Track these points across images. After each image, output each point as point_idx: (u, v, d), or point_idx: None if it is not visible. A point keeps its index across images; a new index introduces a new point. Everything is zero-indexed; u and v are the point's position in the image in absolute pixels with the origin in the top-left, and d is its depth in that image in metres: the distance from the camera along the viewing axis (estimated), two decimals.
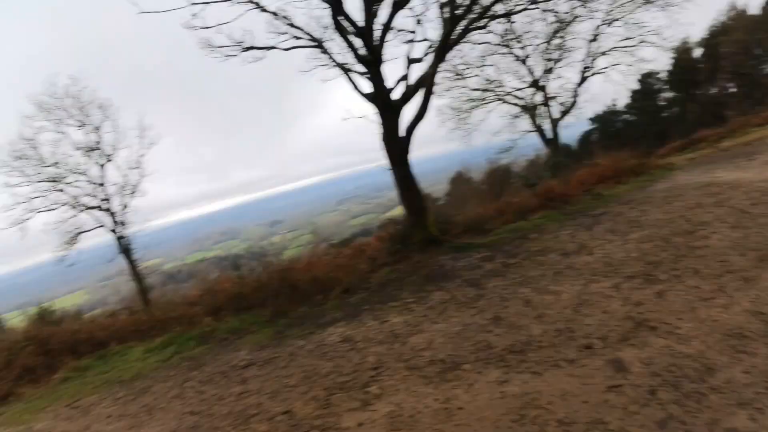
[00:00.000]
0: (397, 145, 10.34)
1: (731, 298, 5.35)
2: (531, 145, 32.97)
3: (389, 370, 5.26)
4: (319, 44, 11.05)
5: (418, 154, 11.07)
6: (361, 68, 10.51)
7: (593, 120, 52.23)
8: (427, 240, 10.30)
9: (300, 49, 11.32)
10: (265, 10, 10.42)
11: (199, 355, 7.08)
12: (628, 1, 22.44)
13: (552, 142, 27.25)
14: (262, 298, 8.40)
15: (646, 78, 48.92)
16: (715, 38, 47.10)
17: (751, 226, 7.58)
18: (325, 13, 10.88)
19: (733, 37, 45.32)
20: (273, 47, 11.01)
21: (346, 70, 10.79)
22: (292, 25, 10.93)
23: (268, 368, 6.03)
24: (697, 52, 48.84)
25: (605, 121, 52.26)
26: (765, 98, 40.69)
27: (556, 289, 6.69)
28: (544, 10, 20.86)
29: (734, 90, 48.01)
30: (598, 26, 25.62)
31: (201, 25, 10.00)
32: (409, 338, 6.01)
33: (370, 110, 10.71)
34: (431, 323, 6.36)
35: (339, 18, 9.19)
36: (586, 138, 51.12)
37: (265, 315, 8.01)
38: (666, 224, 8.62)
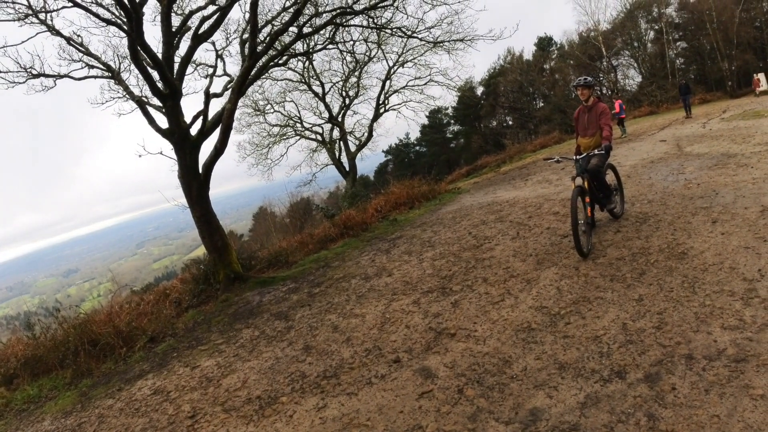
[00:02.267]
0: (195, 182, 10.00)
1: (517, 299, 6.05)
2: (331, 178, 34.00)
3: (207, 415, 5.03)
4: (114, 75, 10.42)
5: (218, 190, 10.87)
6: (158, 102, 10.08)
7: (388, 152, 55.65)
8: (231, 278, 10.05)
9: (94, 79, 10.60)
10: (59, 34, 9.59)
11: None
12: (418, 45, 24.36)
13: (350, 174, 28.27)
14: (61, 359, 7.47)
15: (435, 113, 53.52)
16: (494, 78, 53.22)
17: (528, 236, 8.65)
18: (123, 42, 10.33)
19: (509, 78, 51.59)
20: (65, 75, 10.17)
21: (143, 104, 10.27)
22: (86, 52, 10.20)
23: None
24: (480, 90, 54.76)
25: (399, 152, 55.94)
26: (537, 129, 46.76)
27: (361, 311, 6.97)
28: (342, 51, 21.95)
29: (511, 122, 54.56)
30: (392, 66, 27.37)
31: None
32: (223, 380, 5.81)
33: (167, 146, 10.31)
34: (243, 362, 6.22)
35: (137, 48, 8.75)
36: (382, 169, 54.12)
37: (66, 377, 7.10)
38: (455, 242, 9.46)
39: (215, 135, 10.24)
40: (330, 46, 17.26)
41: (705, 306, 4.77)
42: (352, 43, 21.54)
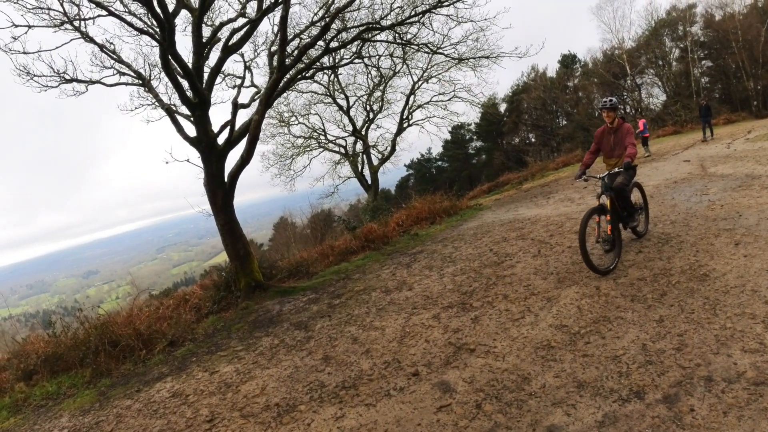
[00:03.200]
0: (220, 191, 10.16)
1: (537, 317, 6.06)
2: (352, 191, 34.17)
3: (224, 420, 5.11)
4: (145, 83, 10.65)
5: (240, 199, 10.99)
6: (187, 111, 10.29)
7: (410, 166, 55.76)
8: (252, 286, 10.15)
9: (125, 86, 10.84)
10: (92, 41, 9.84)
11: (13, 427, 6.17)
12: (443, 61, 24.45)
13: (372, 187, 28.37)
14: (81, 357, 7.60)
15: (458, 129, 53.57)
16: (518, 95, 53.15)
17: (550, 254, 8.64)
18: (155, 51, 10.52)
19: (533, 95, 51.47)
20: (97, 81, 10.40)
21: (172, 112, 10.48)
22: (118, 60, 10.44)
23: None
24: (503, 107, 54.72)
25: (421, 167, 56.00)
26: (559, 146, 46.54)
27: (381, 324, 7.01)
28: (368, 65, 22.18)
29: (534, 139, 54.37)
30: (416, 82, 27.50)
31: (20, 50, 9.22)
32: (242, 386, 5.88)
33: (194, 154, 10.50)
34: (262, 369, 6.29)
35: (168, 57, 8.96)
36: (403, 183, 54.21)
37: (85, 375, 7.23)
38: (477, 258, 9.47)
39: (241, 145, 10.42)
40: (356, 61, 17.43)
41: (726, 328, 4.75)
42: (377, 57, 21.77)
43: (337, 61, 18.68)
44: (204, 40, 10.43)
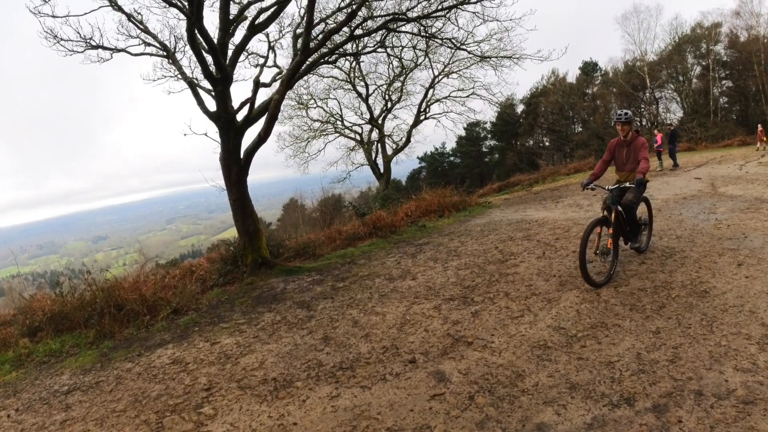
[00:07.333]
0: (235, 166, 10.27)
1: (536, 316, 6.15)
2: (363, 178, 34.31)
3: (222, 390, 5.21)
4: (169, 54, 10.73)
5: (254, 177, 11.07)
6: (209, 85, 10.38)
7: (423, 159, 55.70)
8: (258, 262, 10.28)
9: (149, 56, 10.93)
10: (120, 10, 9.91)
11: (15, 381, 6.29)
12: (465, 57, 24.43)
13: (384, 176, 28.46)
14: (86, 318, 7.75)
15: (473, 126, 53.43)
16: (535, 98, 52.87)
17: (554, 256, 8.72)
18: (181, 24, 10.56)
19: (551, 99, 51.22)
20: (122, 50, 10.48)
21: (194, 85, 10.58)
22: (145, 30, 10.53)
23: (94, 393, 5.59)
24: (520, 108, 54.51)
25: (433, 161, 55.95)
26: (572, 153, 46.33)
27: (383, 310, 7.12)
28: (390, 55, 22.19)
29: (548, 143, 54.18)
30: (437, 76, 27.52)
31: (49, 13, 9.27)
32: (241, 358, 6.00)
33: (212, 128, 10.60)
34: (262, 344, 6.40)
35: (195, 31, 9.04)
36: (414, 175, 54.20)
37: (89, 336, 7.36)
38: (481, 254, 9.56)
39: (259, 123, 10.50)
40: (379, 50, 17.47)
41: (721, 346, 4.82)
42: (400, 48, 21.85)
43: (360, 48, 18.71)
44: (231, 17, 10.48)
